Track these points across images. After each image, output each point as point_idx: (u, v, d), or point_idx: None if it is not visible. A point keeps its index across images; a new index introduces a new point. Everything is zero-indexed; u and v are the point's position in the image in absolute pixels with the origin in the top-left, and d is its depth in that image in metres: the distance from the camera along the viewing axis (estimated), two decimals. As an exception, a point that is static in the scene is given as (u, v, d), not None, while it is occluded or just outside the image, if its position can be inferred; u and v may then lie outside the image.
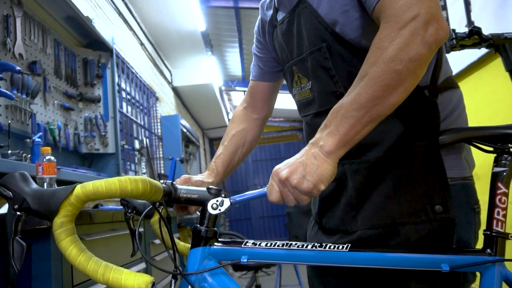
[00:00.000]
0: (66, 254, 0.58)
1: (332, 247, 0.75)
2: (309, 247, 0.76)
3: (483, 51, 2.07)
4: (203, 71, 5.62)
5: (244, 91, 6.62)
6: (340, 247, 0.75)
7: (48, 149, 1.39)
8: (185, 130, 5.16)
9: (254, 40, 1.14)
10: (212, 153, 9.03)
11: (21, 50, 1.75)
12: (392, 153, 0.80)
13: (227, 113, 8.07)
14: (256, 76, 1.13)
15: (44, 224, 0.81)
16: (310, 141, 0.70)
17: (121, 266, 0.58)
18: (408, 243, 0.78)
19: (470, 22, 2.28)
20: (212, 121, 7.91)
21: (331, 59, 0.83)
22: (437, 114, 0.79)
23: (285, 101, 7.03)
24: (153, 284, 0.56)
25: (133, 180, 0.61)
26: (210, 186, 0.77)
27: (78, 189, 0.59)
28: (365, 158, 0.82)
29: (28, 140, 1.64)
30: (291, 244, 0.76)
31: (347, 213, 0.86)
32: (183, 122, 5.09)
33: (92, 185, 0.59)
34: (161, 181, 0.74)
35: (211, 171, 1.02)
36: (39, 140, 1.65)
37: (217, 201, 0.76)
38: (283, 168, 0.68)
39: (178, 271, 0.74)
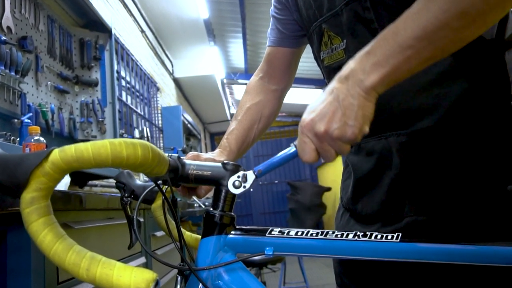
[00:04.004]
0: (38, 241, 0.43)
1: (379, 237, 0.60)
2: (351, 236, 0.60)
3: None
4: (205, 62, 5.47)
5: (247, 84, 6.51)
6: (389, 237, 0.60)
7: (36, 128, 1.24)
8: (186, 122, 5.00)
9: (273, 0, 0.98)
10: (214, 149, 8.88)
11: (9, 23, 1.59)
12: (450, 121, 0.65)
13: (229, 107, 7.91)
14: (275, 41, 0.97)
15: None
16: (342, 74, 0.54)
17: (118, 261, 0.43)
18: (472, 232, 0.63)
19: None
20: (213, 115, 7.76)
21: (373, 10, 0.68)
22: (507, 74, 0.64)
23: (287, 96, 6.86)
24: (157, 283, 0.41)
25: (130, 144, 0.45)
26: (226, 161, 0.62)
27: (56, 154, 0.44)
28: (416, 128, 0.67)
29: (16, 120, 1.48)
30: (327, 233, 0.61)
31: (391, 197, 0.70)
32: (185, 114, 4.93)
33: (75, 148, 0.44)
34: (166, 154, 0.58)
35: (223, 148, 0.86)
36: (29, 121, 1.50)
37: (238, 176, 0.60)
38: (316, 119, 0.53)
39: (186, 266, 0.59)
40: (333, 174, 7.36)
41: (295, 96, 7.11)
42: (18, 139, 1.49)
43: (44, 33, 1.91)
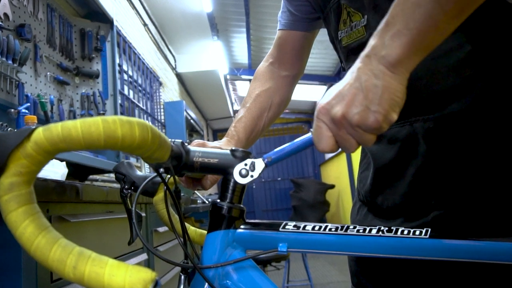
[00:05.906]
0: (17, 233, 0.36)
1: (406, 232, 0.53)
2: (374, 232, 0.54)
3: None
4: (208, 57, 5.40)
5: (250, 80, 6.42)
6: (417, 232, 0.53)
7: (33, 117, 1.18)
8: (189, 118, 4.94)
9: (283, -21, 0.92)
10: (216, 145, 8.81)
11: (6, 9, 1.53)
12: (483, 105, 0.58)
13: (232, 104, 7.84)
14: (286, 24, 0.91)
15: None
16: (364, 53, 0.47)
17: (118, 257, 0.36)
18: (509, 228, 0.56)
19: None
20: (216, 112, 7.69)
21: None
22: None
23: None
24: (156, 284, 0.34)
25: (126, 122, 0.39)
26: (235, 148, 0.56)
27: (40, 132, 0.37)
28: (445, 112, 0.60)
29: (12, 110, 1.42)
30: (347, 227, 0.55)
31: (416, 188, 0.64)
32: (188, 110, 4.87)
33: (62, 126, 0.38)
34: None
35: (231, 137, 0.80)
36: (26, 111, 1.43)
37: (245, 164, 0.54)
38: (333, 102, 0.46)
39: (190, 263, 0.53)
40: (336, 172, 7.29)
41: (298, 92, 7.04)
42: (15, 130, 1.43)
43: (43, 22, 1.85)
